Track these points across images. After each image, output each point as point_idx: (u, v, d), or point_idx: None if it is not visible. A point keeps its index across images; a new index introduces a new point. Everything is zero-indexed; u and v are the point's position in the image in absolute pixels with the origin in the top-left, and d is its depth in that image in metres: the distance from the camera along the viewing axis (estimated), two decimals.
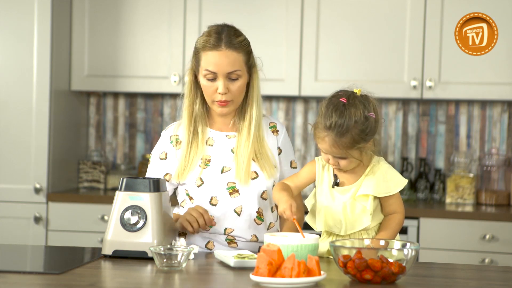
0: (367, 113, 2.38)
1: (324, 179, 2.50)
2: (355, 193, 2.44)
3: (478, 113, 4.41)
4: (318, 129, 2.41)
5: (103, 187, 4.51)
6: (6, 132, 4.18)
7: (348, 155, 2.40)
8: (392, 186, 2.44)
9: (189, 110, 2.71)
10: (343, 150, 2.38)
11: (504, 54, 4.05)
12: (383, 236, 2.40)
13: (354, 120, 2.36)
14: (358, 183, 2.45)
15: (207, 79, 2.60)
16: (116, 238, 2.38)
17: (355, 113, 2.37)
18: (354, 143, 2.37)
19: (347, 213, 2.43)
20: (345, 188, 2.46)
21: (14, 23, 4.16)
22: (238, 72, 2.59)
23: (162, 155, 2.71)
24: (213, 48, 2.58)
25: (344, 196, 2.45)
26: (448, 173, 4.37)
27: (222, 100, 2.60)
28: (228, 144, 2.68)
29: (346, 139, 2.36)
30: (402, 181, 2.45)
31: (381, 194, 2.43)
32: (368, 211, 2.41)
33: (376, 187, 2.43)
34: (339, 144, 2.37)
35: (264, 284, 2.03)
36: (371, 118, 2.39)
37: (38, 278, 2.12)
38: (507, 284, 2.22)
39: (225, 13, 4.19)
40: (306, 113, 4.54)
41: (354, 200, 2.43)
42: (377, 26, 4.19)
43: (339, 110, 2.37)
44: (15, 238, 4.13)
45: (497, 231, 3.88)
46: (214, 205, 2.62)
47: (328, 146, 2.39)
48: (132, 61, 4.37)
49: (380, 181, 2.43)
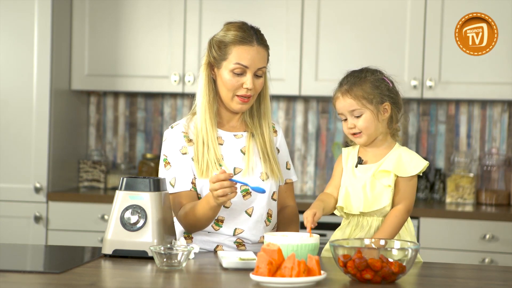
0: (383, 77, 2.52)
1: (349, 162, 2.56)
2: (376, 170, 2.48)
3: (478, 113, 4.41)
4: (334, 94, 2.52)
5: (103, 186, 4.51)
6: (6, 132, 4.18)
7: (362, 107, 2.46)
8: (412, 167, 2.48)
9: (208, 105, 2.63)
10: (358, 100, 2.45)
11: (504, 54, 4.05)
12: (381, 235, 2.42)
13: (367, 75, 2.50)
14: (379, 162, 2.50)
15: (235, 73, 2.58)
16: (116, 238, 2.38)
17: (368, 71, 2.52)
18: (369, 93, 2.46)
19: (367, 191, 2.47)
20: (367, 167, 2.51)
21: (14, 23, 4.16)
22: (264, 69, 2.62)
23: (183, 150, 2.63)
24: (248, 43, 2.58)
25: (366, 174, 2.49)
26: (448, 172, 4.37)
27: (247, 95, 2.59)
28: (237, 144, 2.67)
29: (360, 88, 2.46)
30: (422, 163, 2.49)
31: (400, 173, 2.47)
32: (390, 189, 2.45)
33: (397, 165, 2.47)
34: (353, 93, 2.46)
35: (264, 284, 2.03)
36: (387, 83, 2.51)
37: (38, 278, 2.12)
38: (507, 284, 2.22)
39: (225, 13, 4.18)
40: (306, 113, 4.54)
41: (374, 178, 2.47)
42: (377, 26, 4.19)
43: (353, 71, 2.53)
44: (15, 238, 4.13)
45: (497, 231, 3.88)
46: (227, 207, 2.60)
47: (341, 99, 2.48)
48: (132, 61, 4.37)
49: (400, 161, 2.48)
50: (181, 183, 2.60)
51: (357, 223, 2.51)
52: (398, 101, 2.53)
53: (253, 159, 2.64)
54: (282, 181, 2.72)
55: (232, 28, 2.61)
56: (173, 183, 2.60)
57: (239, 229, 2.61)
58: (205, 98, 2.63)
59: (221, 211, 2.59)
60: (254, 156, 2.65)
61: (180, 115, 4.61)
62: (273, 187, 2.66)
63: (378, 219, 2.49)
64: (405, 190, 2.48)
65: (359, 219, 2.51)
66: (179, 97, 4.63)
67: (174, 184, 2.60)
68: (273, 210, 2.67)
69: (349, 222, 2.53)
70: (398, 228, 2.46)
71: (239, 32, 2.59)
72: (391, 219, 2.45)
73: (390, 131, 2.53)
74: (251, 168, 2.63)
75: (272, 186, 2.66)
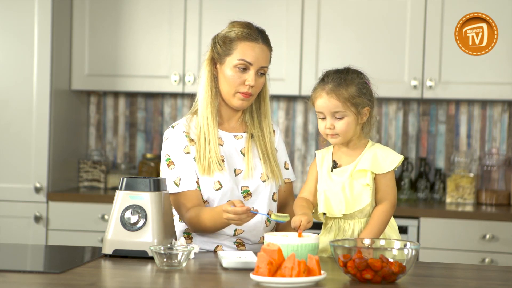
0: (365, 80, 2.49)
1: (323, 165, 2.53)
2: (352, 171, 2.46)
3: (478, 113, 4.41)
4: (315, 91, 2.48)
5: (103, 186, 4.51)
6: (7, 132, 4.18)
7: (346, 110, 2.43)
8: (388, 163, 2.47)
9: (210, 100, 2.63)
10: (343, 103, 2.42)
11: (504, 54, 4.05)
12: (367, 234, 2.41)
13: (353, 77, 2.46)
14: (355, 163, 2.48)
15: (238, 69, 2.58)
16: (116, 238, 2.38)
17: (354, 73, 2.49)
18: (355, 97, 2.43)
19: (346, 192, 2.45)
20: (343, 169, 2.49)
21: (14, 23, 4.15)
22: (266, 69, 2.62)
23: (186, 149, 2.62)
24: (253, 40, 2.58)
25: (343, 177, 2.48)
26: (448, 172, 4.37)
27: (249, 92, 2.59)
28: (237, 145, 2.67)
29: (346, 90, 2.43)
30: (397, 158, 2.47)
31: (377, 170, 2.45)
32: (368, 187, 2.44)
33: (373, 163, 2.46)
34: (337, 93, 2.43)
35: (264, 284, 2.03)
36: (368, 86, 2.48)
37: (38, 278, 2.12)
38: (507, 284, 2.22)
39: (225, 13, 4.18)
40: (306, 113, 4.54)
41: (352, 178, 2.46)
42: (377, 26, 4.19)
43: (337, 70, 2.50)
44: (15, 238, 4.13)
45: (497, 231, 3.88)
46: None
47: (325, 98, 2.44)
48: (133, 61, 4.37)
49: (376, 159, 2.47)
50: (186, 182, 2.59)
51: (338, 227, 2.50)
52: (374, 104, 2.51)
53: (253, 160, 2.64)
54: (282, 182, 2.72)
55: (238, 25, 2.62)
56: (178, 183, 2.59)
57: (239, 229, 2.61)
58: (207, 93, 2.63)
59: None
60: (254, 157, 2.65)
61: (180, 115, 4.60)
62: (273, 188, 2.66)
63: (360, 221, 2.48)
64: (386, 185, 2.47)
65: (340, 223, 2.50)
66: (179, 97, 4.63)
67: (179, 184, 2.58)
68: (273, 210, 2.67)
69: (331, 226, 2.52)
70: (384, 226, 2.46)
71: (245, 29, 2.60)
72: (378, 217, 2.45)
73: (364, 132, 2.52)
74: (251, 169, 2.63)
75: (272, 187, 2.66)
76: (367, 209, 2.47)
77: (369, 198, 2.45)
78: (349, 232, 2.48)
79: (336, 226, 2.50)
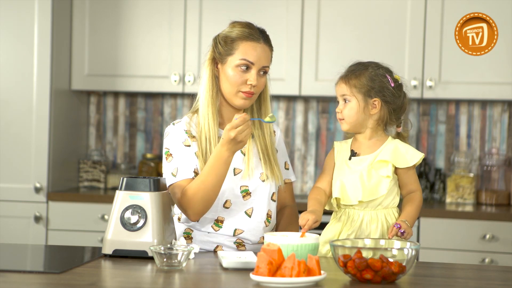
0: (385, 75, 2.53)
1: (341, 156, 2.58)
2: (372, 161, 2.50)
3: (478, 113, 4.41)
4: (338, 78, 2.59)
5: (103, 186, 4.51)
6: (7, 131, 4.18)
7: (352, 96, 2.50)
8: (409, 157, 2.51)
9: (211, 100, 2.62)
10: (349, 87, 2.51)
11: (504, 54, 4.05)
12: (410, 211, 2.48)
13: (369, 68, 2.54)
14: (375, 153, 2.52)
15: (240, 69, 2.58)
16: (116, 238, 2.38)
17: (373, 65, 2.56)
18: (361, 84, 2.50)
19: (364, 180, 2.48)
20: (361, 158, 2.53)
21: (14, 23, 4.15)
22: (267, 68, 2.62)
23: (186, 142, 2.61)
24: (255, 39, 2.59)
25: (361, 165, 2.51)
26: (448, 172, 4.37)
27: (251, 91, 2.59)
28: None
29: (355, 77, 2.51)
30: (418, 155, 2.51)
31: (399, 164, 2.49)
32: (388, 180, 2.48)
33: (394, 155, 2.50)
34: (347, 79, 2.53)
35: (264, 284, 2.03)
36: (387, 81, 2.52)
37: (38, 278, 2.12)
38: (507, 284, 2.22)
39: (225, 13, 4.17)
40: (306, 113, 4.54)
41: (371, 168, 2.49)
42: (377, 26, 4.19)
43: (359, 62, 2.60)
44: (15, 238, 4.13)
45: (497, 231, 3.88)
46: (227, 208, 2.60)
47: (338, 84, 2.55)
48: (133, 61, 4.37)
49: (398, 152, 2.51)
50: (183, 171, 2.56)
51: (348, 217, 2.52)
52: (394, 102, 2.52)
53: (253, 160, 2.64)
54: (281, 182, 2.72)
55: (239, 25, 2.62)
56: (175, 173, 2.56)
57: (239, 229, 2.61)
58: (208, 93, 2.62)
59: (221, 211, 2.59)
60: (254, 157, 2.65)
61: (180, 115, 4.60)
62: (273, 188, 2.66)
63: (370, 213, 2.50)
64: (411, 177, 2.53)
65: (350, 212, 2.52)
66: (179, 97, 4.63)
67: (176, 174, 2.56)
68: (272, 210, 2.67)
69: (340, 216, 2.54)
70: (418, 214, 2.54)
71: (246, 29, 2.60)
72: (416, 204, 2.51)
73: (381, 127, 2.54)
74: (251, 169, 2.63)
75: (272, 187, 2.66)
76: (379, 201, 2.50)
77: (385, 189, 2.49)
78: (357, 222, 2.50)
79: (345, 216, 2.52)
